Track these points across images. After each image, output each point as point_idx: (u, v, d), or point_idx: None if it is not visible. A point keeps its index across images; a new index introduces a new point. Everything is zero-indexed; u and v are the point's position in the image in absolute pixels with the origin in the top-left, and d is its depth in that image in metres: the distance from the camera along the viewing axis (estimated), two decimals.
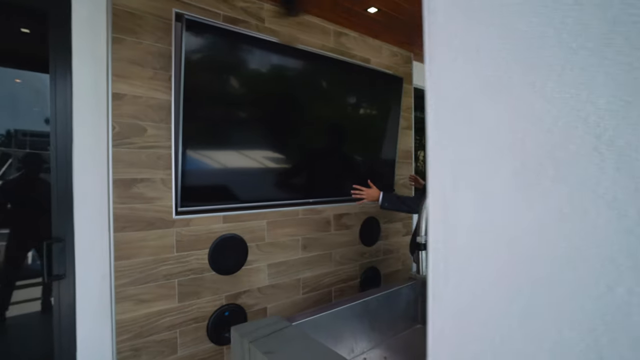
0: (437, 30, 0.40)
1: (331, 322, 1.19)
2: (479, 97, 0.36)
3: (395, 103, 2.72)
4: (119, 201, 1.61)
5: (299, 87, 2.18)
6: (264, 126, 2.05)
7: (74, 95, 1.60)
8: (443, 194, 0.40)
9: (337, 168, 2.49)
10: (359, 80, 2.50)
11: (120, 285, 1.62)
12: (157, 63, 1.71)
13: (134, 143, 1.66)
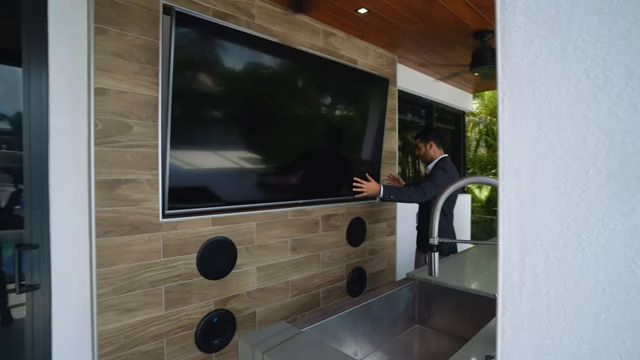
0: (514, 28, 0.39)
1: (336, 325, 1.17)
2: (567, 96, 0.36)
3: (381, 104, 2.74)
4: (101, 204, 1.50)
5: (289, 87, 2.14)
6: (254, 125, 1.99)
7: (50, 89, 1.47)
8: (520, 198, 0.39)
9: (325, 168, 2.47)
10: (347, 81, 2.50)
11: (103, 295, 1.51)
12: (143, 57, 1.61)
13: (119, 142, 1.55)
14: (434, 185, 2.22)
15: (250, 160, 1.98)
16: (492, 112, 6.77)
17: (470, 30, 2.55)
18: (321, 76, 2.32)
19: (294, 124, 2.20)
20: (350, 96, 2.53)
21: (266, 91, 2.02)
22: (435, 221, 0.99)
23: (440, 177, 2.26)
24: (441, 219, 2.33)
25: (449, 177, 2.31)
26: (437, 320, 1.47)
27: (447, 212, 2.39)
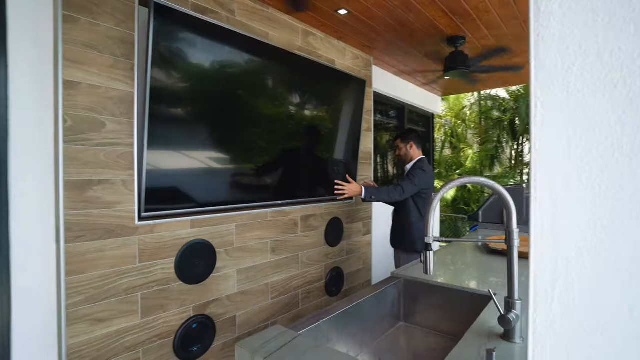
0: (548, 35, 0.41)
1: (330, 327, 1.17)
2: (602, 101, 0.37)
3: (358, 105, 2.77)
4: (71, 207, 1.39)
5: (269, 86, 2.10)
6: (235, 124, 1.93)
7: (10, 81, 1.33)
8: (553, 198, 0.41)
9: (304, 168, 2.45)
10: (327, 81, 2.50)
11: (73, 305, 1.39)
12: (117, 50, 1.51)
13: (90, 139, 1.44)
14: (412, 185, 2.28)
15: (230, 160, 1.93)
16: (457, 114, 7.10)
17: (444, 35, 2.64)
18: (302, 76, 2.31)
19: (274, 123, 2.16)
20: (329, 97, 2.54)
21: (247, 89, 1.97)
22: (430, 221, 1.01)
23: (419, 176, 2.31)
24: (418, 218, 2.40)
25: (428, 177, 2.37)
26: (422, 317, 1.51)
27: (422, 209, 2.44)
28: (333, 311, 1.20)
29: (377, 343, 1.38)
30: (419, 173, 2.33)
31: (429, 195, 2.43)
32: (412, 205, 2.42)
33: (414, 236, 2.42)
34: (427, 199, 2.43)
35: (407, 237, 2.45)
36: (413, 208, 2.43)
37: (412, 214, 2.42)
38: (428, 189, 2.40)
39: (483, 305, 1.33)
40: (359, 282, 3.02)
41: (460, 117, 7.01)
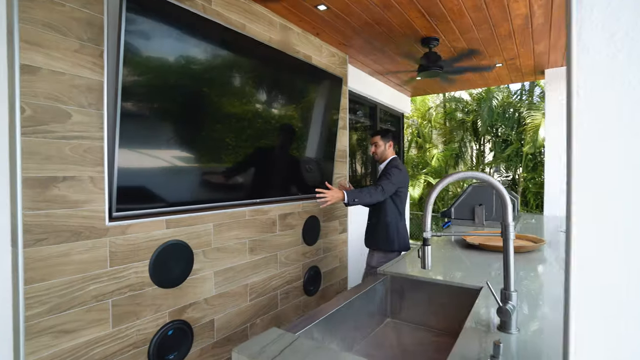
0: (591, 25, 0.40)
1: (324, 327, 1.14)
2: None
3: (335, 103, 2.76)
4: (31, 206, 1.24)
5: (246, 80, 2.02)
6: (213, 119, 1.84)
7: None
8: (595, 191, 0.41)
9: (281, 166, 2.40)
10: (305, 78, 2.46)
11: (33, 316, 1.25)
12: (84, 33, 1.38)
13: (53, 131, 1.30)
14: (391, 183, 2.27)
15: (207, 156, 1.83)
16: (423, 115, 7.34)
17: (418, 36, 2.70)
18: (280, 71, 2.25)
19: (251, 120, 2.09)
20: (307, 94, 2.50)
21: (222, 84, 1.89)
22: (428, 216, 1.01)
23: (396, 175, 2.30)
24: (396, 217, 2.41)
25: (403, 175, 2.37)
26: (409, 313, 1.52)
27: (400, 207, 2.43)
28: (326, 311, 1.17)
29: (367, 340, 1.37)
30: (395, 172, 2.32)
31: (404, 194, 2.42)
32: (389, 204, 2.38)
33: (391, 235, 2.38)
34: (404, 197, 2.43)
35: (384, 236, 2.39)
36: (390, 207, 2.38)
37: (389, 213, 2.38)
38: (403, 187, 2.39)
39: (469, 299, 1.36)
40: (335, 280, 3.02)
41: (426, 117, 7.27)
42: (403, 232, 2.44)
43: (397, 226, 2.40)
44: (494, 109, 6.23)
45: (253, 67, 2.05)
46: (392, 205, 2.39)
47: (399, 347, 1.36)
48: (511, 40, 2.79)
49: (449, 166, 6.99)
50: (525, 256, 1.80)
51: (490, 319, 1.03)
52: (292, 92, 2.36)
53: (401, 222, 2.45)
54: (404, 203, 2.46)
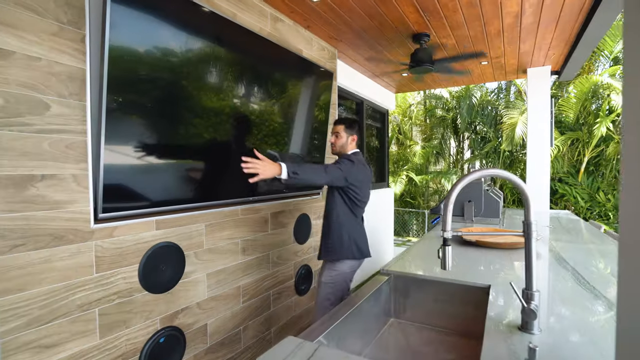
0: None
1: (338, 331, 1.08)
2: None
3: (326, 98, 2.70)
4: (6, 208, 1.11)
5: (239, 74, 1.92)
6: (203, 111, 1.73)
7: None
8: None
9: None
10: (296, 72, 2.38)
11: (10, 331, 1.12)
12: (63, 15, 1.24)
13: (30, 124, 1.16)
14: (339, 170, 1.82)
15: (199, 153, 1.72)
16: (404, 112, 7.41)
17: (410, 32, 2.68)
18: (273, 66, 2.16)
19: (242, 116, 1.99)
20: (299, 88, 2.42)
21: (217, 77, 1.78)
22: (448, 215, 0.98)
23: (347, 166, 1.86)
24: (351, 220, 1.97)
25: (357, 171, 1.91)
26: (413, 312, 1.49)
27: (355, 211, 1.97)
28: (337, 317, 1.12)
29: (376, 342, 1.33)
30: (347, 163, 1.88)
31: (361, 196, 1.96)
32: (339, 205, 1.94)
33: (344, 243, 1.92)
34: (360, 200, 1.97)
35: (335, 244, 1.93)
36: (342, 209, 1.94)
37: (341, 216, 1.94)
38: (357, 186, 1.91)
39: (473, 297, 1.35)
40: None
41: (407, 114, 7.35)
42: (358, 238, 1.97)
43: (350, 232, 1.94)
44: (474, 107, 6.39)
45: (245, 61, 1.95)
46: (344, 208, 1.94)
47: (409, 348, 1.33)
48: (499, 38, 2.82)
49: (430, 162, 7.11)
50: (520, 252, 1.81)
51: (508, 319, 1.01)
52: (283, 87, 2.27)
53: (356, 227, 1.99)
54: (360, 207, 2.00)
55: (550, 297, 1.22)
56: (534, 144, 3.63)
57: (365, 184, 1.99)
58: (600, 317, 1.03)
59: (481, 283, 1.35)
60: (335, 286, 1.95)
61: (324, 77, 2.65)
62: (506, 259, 1.68)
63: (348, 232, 1.94)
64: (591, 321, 0.99)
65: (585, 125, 5.65)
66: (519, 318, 1.01)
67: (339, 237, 1.93)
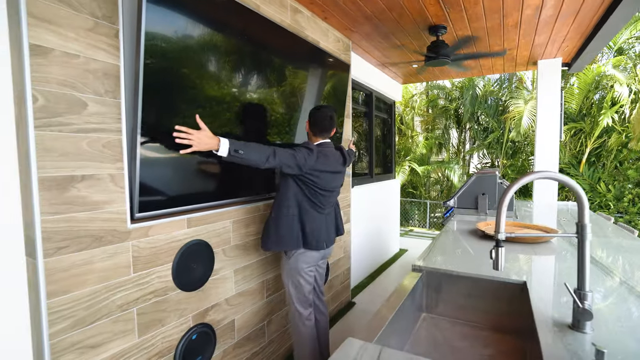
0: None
1: (389, 332, 1.10)
2: None
3: (342, 90, 2.67)
4: (49, 210, 1.09)
5: (263, 65, 1.89)
6: (230, 103, 1.70)
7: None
8: None
9: None
10: (316, 64, 2.35)
11: (57, 333, 1.11)
12: (98, 9, 1.20)
13: (69, 124, 1.13)
14: (292, 156, 1.63)
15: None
16: (406, 102, 7.39)
17: (428, 24, 2.65)
18: (295, 57, 2.12)
19: (267, 109, 1.96)
20: (318, 81, 2.39)
21: (244, 67, 1.74)
22: (502, 217, 0.98)
23: (302, 153, 1.68)
24: (307, 207, 1.80)
25: (314, 159, 1.71)
26: (445, 307, 1.52)
27: (315, 199, 1.80)
28: (386, 317, 1.13)
29: (413, 338, 1.35)
30: (302, 150, 1.70)
31: (320, 185, 1.77)
32: (294, 191, 1.76)
33: (293, 231, 1.76)
34: (320, 187, 1.78)
35: (285, 232, 1.74)
36: (297, 195, 1.77)
37: (294, 203, 1.77)
38: (315, 175, 1.73)
39: (508, 293, 1.38)
40: (340, 270, 2.99)
41: (409, 105, 7.32)
42: (314, 227, 1.80)
43: (303, 220, 1.78)
44: (477, 97, 6.39)
45: (270, 53, 1.91)
46: (301, 195, 1.77)
47: (446, 343, 1.35)
48: (516, 30, 2.80)
49: (432, 153, 7.14)
50: (545, 246, 1.84)
51: (555, 317, 1.04)
52: (304, 80, 2.24)
53: (315, 216, 1.82)
54: (323, 195, 1.82)
55: (595, 294, 1.24)
56: (543, 135, 3.65)
57: (327, 174, 1.80)
58: None
59: (516, 279, 1.37)
60: (291, 280, 1.83)
61: (341, 69, 2.62)
62: (532, 253, 1.70)
63: (301, 221, 1.78)
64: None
65: (589, 116, 5.69)
66: (566, 316, 1.03)
67: (289, 227, 1.75)
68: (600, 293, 1.22)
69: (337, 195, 1.96)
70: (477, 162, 7.19)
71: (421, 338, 1.37)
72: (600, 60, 6.17)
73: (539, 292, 1.25)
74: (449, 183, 6.78)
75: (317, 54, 2.36)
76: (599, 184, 5.43)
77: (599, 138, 5.46)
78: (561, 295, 1.21)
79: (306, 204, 1.79)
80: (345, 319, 2.85)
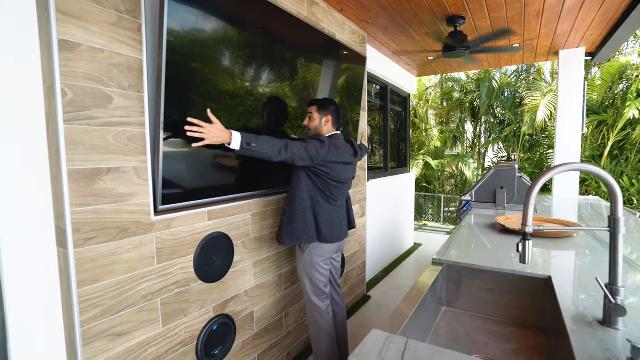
0: None
1: (413, 325, 1.09)
2: None
3: (359, 83, 2.65)
4: (78, 202, 1.11)
5: (282, 58, 1.88)
6: (251, 98, 1.71)
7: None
8: None
9: None
10: (333, 57, 2.33)
11: (88, 320, 1.15)
12: (122, 4, 1.21)
13: (96, 117, 1.16)
14: (304, 149, 1.63)
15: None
16: (420, 95, 7.28)
17: (446, 14, 2.59)
18: (313, 50, 2.11)
19: (285, 101, 1.96)
20: (335, 73, 2.37)
21: (262, 60, 1.74)
22: (530, 210, 0.96)
23: (314, 144, 1.68)
24: (320, 201, 1.81)
25: (326, 151, 1.72)
26: (466, 301, 1.51)
27: (328, 191, 1.80)
28: (410, 309, 1.13)
29: (435, 332, 1.35)
30: (314, 142, 1.70)
31: (333, 175, 1.78)
32: (307, 184, 1.78)
33: (308, 224, 1.77)
34: (333, 179, 1.79)
35: (300, 225, 1.76)
36: (310, 189, 1.78)
37: (308, 197, 1.78)
38: (328, 167, 1.74)
39: (532, 287, 1.35)
40: (356, 264, 3.00)
41: (423, 98, 7.21)
42: (327, 220, 1.81)
43: (317, 212, 1.79)
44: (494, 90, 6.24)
45: (289, 46, 1.91)
46: (314, 188, 1.79)
47: (468, 337, 1.34)
48: (537, 20, 2.72)
49: (447, 147, 7.03)
50: (568, 241, 1.80)
51: (584, 313, 1.01)
52: (321, 73, 2.23)
53: (328, 209, 1.83)
54: (336, 186, 1.82)
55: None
56: (564, 128, 3.55)
57: (339, 165, 1.80)
58: None
59: (541, 274, 1.35)
60: (306, 273, 1.84)
61: (358, 61, 2.60)
62: (555, 248, 1.67)
63: (314, 215, 1.78)
64: None
65: (612, 108, 5.51)
66: (594, 311, 1.01)
67: (306, 219, 1.76)
68: (630, 289, 1.19)
69: (349, 187, 1.97)
70: (492, 156, 7.05)
71: (442, 332, 1.36)
72: (625, 49, 5.94)
73: (565, 287, 1.22)
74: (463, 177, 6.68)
75: (334, 46, 2.34)
76: (622, 178, 5.27)
77: (622, 130, 5.28)
78: (589, 290, 1.18)
79: (319, 196, 1.80)
80: (360, 312, 2.85)
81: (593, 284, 1.23)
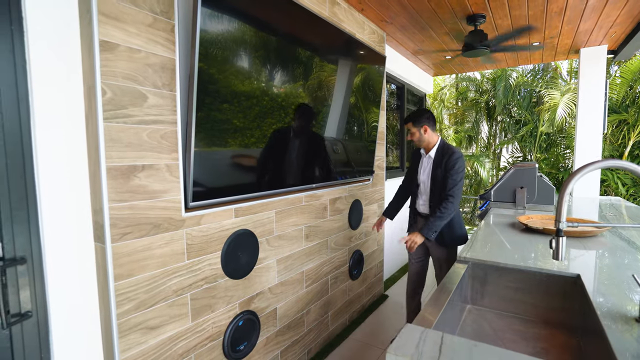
0: None
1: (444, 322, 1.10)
2: None
3: (378, 83, 2.65)
4: (116, 198, 1.15)
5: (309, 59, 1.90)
6: (279, 97, 1.73)
7: (29, 43, 1.04)
8: None
9: (331, 150, 2.31)
10: (355, 57, 2.34)
11: (123, 313, 1.18)
12: (157, 5, 1.24)
13: (132, 115, 1.19)
14: (457, 187, 1.98)
15: (275, 140, 1.73)
16: (434, 95, 7.22)
17: (466, 13, 2.58)
18: (336, 50, 2.13)
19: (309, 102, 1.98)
20: (355, 74, 2.38)
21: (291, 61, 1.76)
22: (564, 205, 0.96)
23: (460, 168, 1.99)
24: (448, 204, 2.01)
25: (464, 163, 2.03)
26: (491, 299, 1.50)
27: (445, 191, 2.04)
28: (440, 305, 1.13)
29: (461, 329, 1.34)
30: (460, 165, 1.98)
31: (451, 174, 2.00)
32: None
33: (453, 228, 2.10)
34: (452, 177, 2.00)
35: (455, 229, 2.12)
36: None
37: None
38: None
39: (560, 286, 1.34)
40: (374, 263, 3.00)
41: (437, 97, 7.15)
42: (458, 222, 2.15)
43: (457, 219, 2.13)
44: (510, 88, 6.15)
45: (314, 47, 1.93)
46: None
47: (496, 336, 1.33)
48: (559, 17, 2.68)
49: (462, 147, 6.96)
50: (595, 240, 1.77)
51: (619, 311, 1.00)
52: (343, 73, 2.24)
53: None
54: (450, 186, 2.06)
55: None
56: (584, 127, 3.49)
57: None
58: None
59: (569, 272, 1.33)
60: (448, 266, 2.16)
61: (377, 61, 2.60)
62: (581, 247, 1.64)
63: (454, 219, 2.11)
64: None
65: (633, 107, 5.37)
66: (627, 309, 0.99)
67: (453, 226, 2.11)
68: None
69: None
70: (508, 156, 6.94)
71: (468, 329, 1.36)
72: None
73: (594, 286, 1.21)
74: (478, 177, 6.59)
75: (355, 46, 2.35)
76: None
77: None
78: (619, 288, 1.17)
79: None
80: (379, 310, 2.85)
81: (624, 282, 1.21)
